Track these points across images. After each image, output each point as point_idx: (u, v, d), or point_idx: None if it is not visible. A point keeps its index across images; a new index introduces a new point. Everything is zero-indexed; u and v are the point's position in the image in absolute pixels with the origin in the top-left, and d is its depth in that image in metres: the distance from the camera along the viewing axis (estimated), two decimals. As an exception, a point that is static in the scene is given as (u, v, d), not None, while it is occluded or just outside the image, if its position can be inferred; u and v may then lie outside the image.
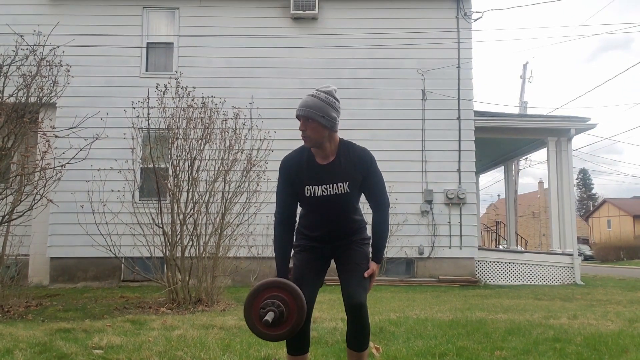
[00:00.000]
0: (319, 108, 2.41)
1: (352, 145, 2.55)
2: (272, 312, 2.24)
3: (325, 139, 2.47)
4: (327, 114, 2.42)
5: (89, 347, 3.74)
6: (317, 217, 2.58)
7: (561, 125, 11.81)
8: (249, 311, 2.30)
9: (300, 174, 2.51)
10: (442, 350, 3.65)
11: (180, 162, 6.85)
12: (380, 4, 11.05)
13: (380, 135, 10.44)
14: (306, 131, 2.44)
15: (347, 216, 2.58)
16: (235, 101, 8.47)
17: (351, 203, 2.55)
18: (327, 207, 2.52)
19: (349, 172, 2.49)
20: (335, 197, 2.49)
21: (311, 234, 2.60)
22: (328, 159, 2.51)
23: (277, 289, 2.31)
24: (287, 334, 2.32)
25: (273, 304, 2.26)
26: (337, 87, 2.55)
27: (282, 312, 2.26)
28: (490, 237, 34.52)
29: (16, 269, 7.42)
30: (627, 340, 4.07)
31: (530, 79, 25.78)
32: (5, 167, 6.84)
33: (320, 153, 2.51)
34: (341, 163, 2.50)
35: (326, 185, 2.49)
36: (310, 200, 2.52)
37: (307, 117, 2.41)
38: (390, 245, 9.87)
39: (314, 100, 2.43)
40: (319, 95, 2.45)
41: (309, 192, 2.50)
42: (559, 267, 11.18)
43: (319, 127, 2.42)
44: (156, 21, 11.02)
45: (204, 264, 6.72)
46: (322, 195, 2.49)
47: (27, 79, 6.88)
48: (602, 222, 51.07)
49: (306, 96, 2.45)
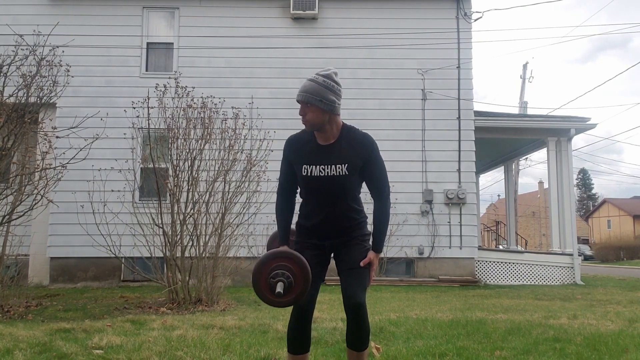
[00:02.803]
0: (317, 92, 2.43)
1: (354, 130, 2.57)
2: (282, 282, 2.33)
3: (326, 122, 2.49)
4: (326, 98, 2.44)
5: (89, 347, 3.73)
6: (315, 203, 2.57)
7: (561, 125, 11.81)
8: (258, 279, 2.37)
9: (300, 153, 2.55)
10: (442, 350, 3.65)
11: (180, 162, 6.85)
12: (380, 4, 11.05)
13: (380, 135, 10.39)
14: (306, 115, 2.47)
15: (346, 203, 2.55)
16: (235, 101, 8.48)
17: (350, 188, 2.54)
18: (325, 190, 2.52)
19: (349, 155, 2.49)
20: (332, 178, 2.49)
21: (310, 224, 2.59)
22: (329, 141, 2.53)
23: (284, 259, 2.39)
24: (293, 301, 2.40)
25: (283, 274, 2.34)
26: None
27: (290, 282, 2.34)
28: (490, 237, 34.53)
29: (16, 269, 7.42)
30: (627, 340, 4.07)
31: (530, 79, 25.80)
32: (5, 167, 6.84)
33: (322, 136, 2.54)
34: (342, 145, 2.51)
35: (324, 165, 2.50)
36: (307, 180, 2.53)
37: (305, 102, 2.44)
38: (390, 245, 9.87)
39: (312, 85, 2.45)
40: (316, 79, 2.46)
41: (306, 171, 2.51)
42: (559, 267, 11.18)
43: (318, 111, 2.44)
44: (156, 21, 11.02)
45: (204, 264, 6.72)
46: (320, 175, 2.50)
47: (27, 79, 6.87)
48: (602, 222, 51.07)
49: (305, 80, 2.48)
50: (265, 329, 4.57)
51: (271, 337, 4.19)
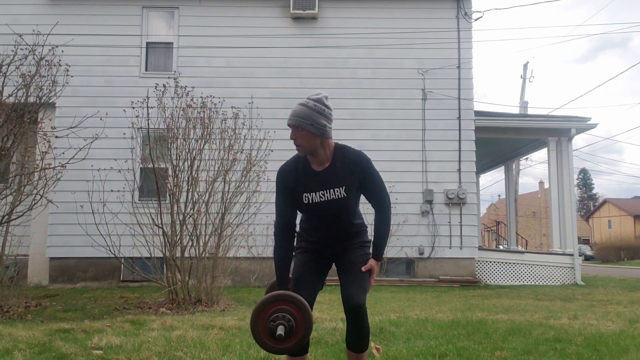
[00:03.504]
0: (307, 116, 2.42)
1: (347, 150, 2.55)
2: (283, 325, 2.23)
3: (318, 146, 2.47)
4: (316, 122, 2.42)
5: (88, 348, 3.73)
6: (316, 223, 2.59)
7: (561, 125, 11.80)
8: (256, 323, 2.28)
9: (297, 183, 2.51)
10: (443, 350, 3.64)
11: (179, 162, 6.84)
12: (380, 4, 11.04)
13: (381, 135, 10.42)
14: (297, 139, 2.45)
15: (347, 220, 2.58)
16: (234, 101, 8.47)
17: (350, 207, 2.55)
18: (326, 213, 2.53)
19: (345, 177, 2.49)
20: (333, 202, 2.49)
21: (312, 239, 2.61)
22: (323, 165, 2.51)
23: (285, 302, 2.29)
24: (294, 347, 2.30)
25: (283, 317, 2.24)
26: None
27: (292, 326, 2.24)
28: (491, 237, 34.50)
29: (15, 269, 7.40)
30: (627, 340, 4.05)
31: (530, 78, 25.68)
32: (4, 167, 6.83)
33: (315, 160, 2.51)
34: (336, 168, 2.50)
35: (323, 191, 2.49)
36: (309, 207, 2.53)
37: (296, 126, 2.43)
38: (391, 246, 9.85)
39: (303, 109, 2.43)
40: (307, 103, 2.45)
41: (307, 199, 2.50)
42: (559, 268, 11.17)
43: (309, 135, 2.43)
44: (156, 21, 11.01)
45: (203, 264, 6.71)
46: (320, 201, 2.50)
47: (27, 78, 6.87)
48: (602, 222, 51.07)
49: (296, 105, 2.47)
50: (265, 330, 4.55)
51: (271, 338, 4.17)
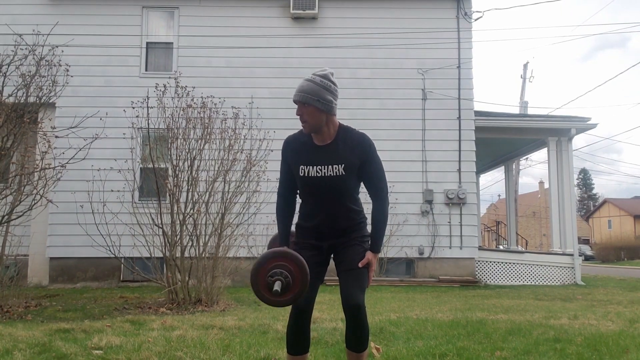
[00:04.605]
0: (314, 92, 2.42)
1: (351, 130, 2.56)
2: (280, 281, 2.32)
3: (324, 123, 2.48)
4: (323, 98, 2.43)
5: (88, 348, 3.73)
6: (313, 204, 2.57)
7: (561, 125, 11.81)
8: (256, 278, 2.36)
9: (296, 154, 2.54)
10: (443, 350, 3.64)
11: (179, 162, 6.84)
12: (380, 4, 11.04)
13: (381, 135, 10.39)
14: (303, 115, 2.46)
15: (344, 204, 2.55)
16: (235, 101, 8.47)
17: (348, 188, 2.53)
18: (323, 191, 2.51)
19: (346, 155, 2.48)
20: (329, 179, 2.48)
21: (309, 225, 2.59)
22: (326, 142, 2.52)
23: (283, 258, 2.38)
24: (291, 301, 2.39)
25: (281, 273, 2.34)
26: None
27: (289, 282, 2.33)
28: (491, 237, 34.52)
29: (15, 269, 7.41)
30: (627, 340, 4.05)
31: (530, 78, 25.69)
32: (4, 167, 6.83)
33: (318, 136, 2.53)
34: (338, 146, 2.50)
35: (321, 166, 2.49)
36: (305, 181, 2.52)
37: (303, 102, 2.43)
38: (391, 246, 9.87)
39: (310, 85, 2.43)
40: (314, 79, 2.45)
41: (303, 171, 2.51)
42: (559, 267, 11.17)
43: (316, 111, 2.43)
44: (156, 21, 11.01)
45: (203, 264, 6.71)
46: (317, 175, 2.49)
47: (27, 78, 6.87)
48: (602, 222, 51.06)
49: (302, 81, 2.47)
50: (265, 330, 4.56)
51: (271, 338, 4.18)
